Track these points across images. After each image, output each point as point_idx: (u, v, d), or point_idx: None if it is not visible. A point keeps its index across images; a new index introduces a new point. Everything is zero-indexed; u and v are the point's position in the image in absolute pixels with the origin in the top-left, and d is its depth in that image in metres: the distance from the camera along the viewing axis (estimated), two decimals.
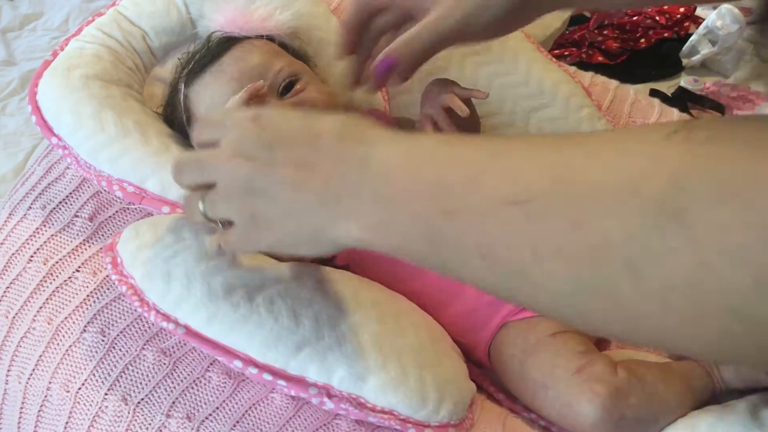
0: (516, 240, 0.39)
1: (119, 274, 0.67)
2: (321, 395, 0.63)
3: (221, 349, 0.64)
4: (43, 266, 0.75)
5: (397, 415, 0.64)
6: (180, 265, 0.66)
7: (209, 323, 0.64)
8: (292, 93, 0.80)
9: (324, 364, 0.63)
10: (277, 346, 0.63)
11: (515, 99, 0.91)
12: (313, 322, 0.65)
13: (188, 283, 0.65)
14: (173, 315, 0.65)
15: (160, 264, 0.67)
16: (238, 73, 0.79)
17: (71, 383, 0.69)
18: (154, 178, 0.76)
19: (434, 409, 0.65)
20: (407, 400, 0.64)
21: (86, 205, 0.79)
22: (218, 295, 0.65)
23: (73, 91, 0.78)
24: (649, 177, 0.34)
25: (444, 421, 0.65)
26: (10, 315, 0.73)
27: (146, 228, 0.70)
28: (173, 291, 0.65)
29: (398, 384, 0.64)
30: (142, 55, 0.86)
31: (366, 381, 0.63)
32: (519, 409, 0.74)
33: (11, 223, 0.79)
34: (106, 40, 0.83)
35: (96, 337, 0.70)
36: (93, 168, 0.76)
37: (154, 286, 0.66)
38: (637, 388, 0.68)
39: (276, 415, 0.65)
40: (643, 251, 0.34)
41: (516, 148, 0.43)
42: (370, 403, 0.63)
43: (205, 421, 0.65)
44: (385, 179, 0.47)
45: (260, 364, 0.64)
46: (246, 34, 0.82)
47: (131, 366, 0.68)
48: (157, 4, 0.87)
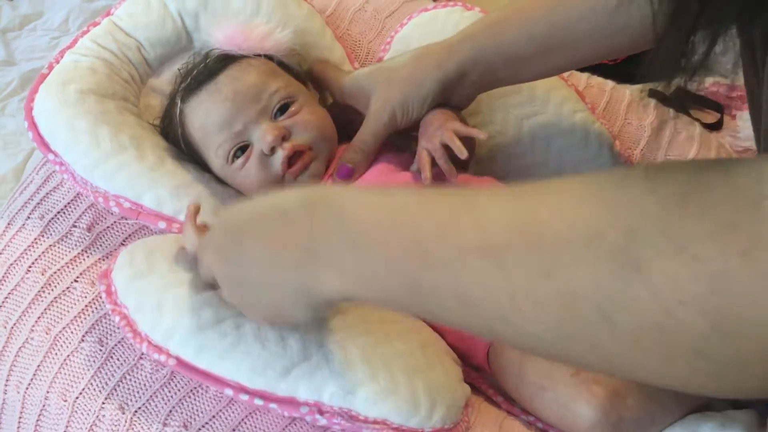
0: (492, 289, 0.41)
1: (113, 304, 0.69)
2: (312, 412, 0.64)
3: (212, 379, 0.65)
4: (42, 276, 0.75)
5: (389, 425, 0.64)
6: (172, 296, 0.67)
7: (199, 354, 0.65)
8: (286, 115, 0.80)
9: (313, 382, 0.64)
10: (266, 371, 0.64)
11: (506, 107, 0.91)
12: (300, 345, 0.66)
13: (179, 314, 0.66)
14: (164, 346, 0.66)
15: (152, 295, 0.68)
16: (232, 93, 0.79)
17: (69, 392, 0.69)
18: (149, 194, 0.77)
19: (427, 415, 0.65)
20: (398, 409, 0.64)
21: (84, 215, 0.79)
22: (207, 326, 0.66)
23: (69, 107, 0.78)
24: (609, 227, 0.36)
25: (438, 426, 0.66)
26: (9, 325, 0.74)
27: (141, 256, 0.71)
28: (164, 322, 0.66)
29: (388, 393, 0.64)
30: (138, 67, 0.86)
31: (356, 394, 0.64)
32: (517, 412, 0.74)
33: (9, 233, 0.79)
34: (101, 53, 0.83)
35: (94, 347, 0.71)
36: (89, 184, 0.77)
37: (145, 317, 0.67)
38: (635, 390, 0.68)
39: (271, 424, 0.66)
40: (612, 299, 0.36)
41: (483, 201, 0.44)
42: (362, 415, 0.64)
43: (201, 429, 0.66)
44: (361, 231, 0.48)
45: (250, 390, 0.65)
46: (244, 53, 0.82)
47: (129, 375, 0.69)
48: (152, 15, 0.87)
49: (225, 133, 0.79)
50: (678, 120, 1.00)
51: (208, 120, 0.80)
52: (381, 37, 0.99)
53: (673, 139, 0.96)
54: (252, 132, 0.79)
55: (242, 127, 0.79)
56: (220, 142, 0.79)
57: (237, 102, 0.79)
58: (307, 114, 0.81)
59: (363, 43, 0.99)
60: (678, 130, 0.97)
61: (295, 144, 0.79)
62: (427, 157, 0.76)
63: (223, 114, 0.79)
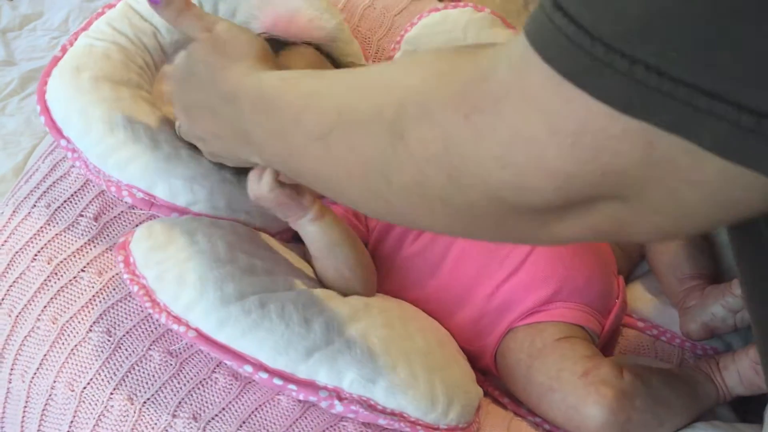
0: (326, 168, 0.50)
1: (131, 274, 0.68)
2: (331, 398, 0.64)
3: (231, 354, 0.65)
4: (47, 265, 0.74)
5: (407, 417, 0.64)
6: (194, 269, 0.67)
7: (220, 328, 0.65)
8: None
9: (334, 368, 0.64)
10: (288, 351, 0.64)
11: None
12: (323, 328, 0.66)
13: (201, 287, 0.66)
14: (184, 318, 0.66)
15: (173, 266, 0.67)
16: None
17: (76, 382, 0.68)
18: (163, 185, 0.76)
19: (443, 412, 0.65)
20: (417, 402, 0.64)
21: (91, 205, 0.78)
22: (230, 301, 0.65)
23: (83, 94, 0.77)
24: (386, 103, 0.44)
25: (452, 425, 0.66)
26: (14, 314, 0.73)
27: (160, 229, 0.71)
28: (186, 294, 0.66)
29: (408, 386, 0.64)
30: (153, 53, 0.84)
31: (376, 383, 0.64)
32: (524, 413, 0.75)
33: (15, 221, 0.78)
34: (116, 37, 0.82)
35: (102, 337, 0.70)
36: (102, 173, 0.76)
37: (166, 288, 0.67)
38: (643, 392, 0.69)
39: (282, 416, 0.65)
40: (388, 164, 0.44)
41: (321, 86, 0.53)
42: (381, 404, 0.64)
43: (211, 421, 0.65)
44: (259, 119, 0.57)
45: (270, 369, 0.64)
46: (292, 39, 0.81)
47: (137, 366, 0.68)
48: None
49: None
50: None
51: None
52: (390, 34, 0.99)
53: None
54: None
55: None
56: None
57: None
58: None
59: (372, 41, 0.99)
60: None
61: None
62: None
63: None
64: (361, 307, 0.70)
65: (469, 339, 0.77)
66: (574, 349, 0.72)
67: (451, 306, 0.77)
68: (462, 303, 0.77)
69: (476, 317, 0.77)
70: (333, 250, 0.72)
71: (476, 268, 0.77)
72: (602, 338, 0.78)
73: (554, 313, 0.76)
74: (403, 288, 0.78)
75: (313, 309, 0.67)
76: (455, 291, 0.77)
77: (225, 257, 0.68)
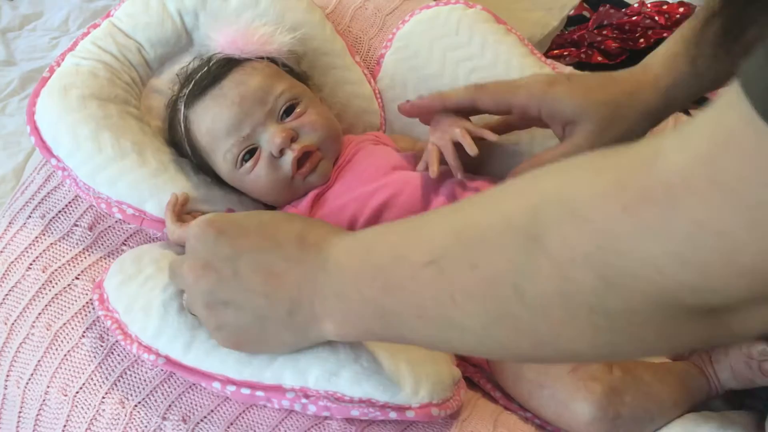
0: (438, 294, 0.45)
1: (105, 310, 0.70)
2: (299, 398, 0.65)
3: (199, 374, 0.67)
4: (42, 274, 0.76)
5: (375, 403, 0.64)
6: (158, 296, 0.69)
7: (186, 351, 0.67)
8: (292, 116, 0.80)
9: (297, 368, 0.64)
10: (251, 361, 0.65)
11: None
12: None
13: (165, 313, 0.68)
14: (154, 346, 0.68)
15: (140, 296, 0.70)
16: (238, 98, 0.79)
17: (69, 387, 0.70)
18: (152, 200, 0.78)
19: (412, 391, 0.65)
20: (382, 387, 0.64)
21: (86, 215, 0.80)
22: (194, 324, 0.67)
23: (71, 113, 0.78)
24: (517, 211, 0.40)
25: (425, 402, 0.65)
26: (9, 321, 0.74)
27: (130, 262, 0.73)
28: (152, 322, 0.68)
29: (371, 372, 0.64)
30: (138, 68, 0.86)
31: (339, 375, 0.64)
32: (514, 408, 0.75)
33: (11, 231, 0.80)
34: (101, 56, 0.84)
35: (95, 343, 0.71)
36: (92, 190, 0.78)
37: (134, 318, 0.69)
38: (633, 387, 0.69)
39: (268, 417, 0.67)
40: (522, 273, 0.39)
41: (427, 219, 0.50)
42: (347, 395, 0.64)
43: (199, 423, 0.67)
44: (339, 276, 0.53)
45: (237, 382, 0.66)
46: (246, 56, 0.82)
47: (129, 371, 0.70)
48: (151, 15, 0.87)
49: (233, 138, 0.79)
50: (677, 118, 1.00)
51: (215, 125, 0.80)
52: (382, 34, 0.99)
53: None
54: (260, 135, 0.79)
55: (250, 131, 0.79)
56: (228, 146, 0.79)
57: (244, 106, 0.79)
58: (313, 114, 0.81)
59: (364, 40, 0.99)
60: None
61: (304, 145, 0.79)
62: (436, 152, 0.77)
63: (230, 118, 0.79)
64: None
65: None
66: None
67: None
68: None
69: None
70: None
71: None
72: None
73: None
74: None
75: None
76: None
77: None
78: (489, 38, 0.93)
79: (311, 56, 0.91)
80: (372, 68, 0.97)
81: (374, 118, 0.94)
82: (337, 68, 0.93)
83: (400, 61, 0.95)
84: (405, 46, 0.95)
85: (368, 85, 0.95)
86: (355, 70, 0.94)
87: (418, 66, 0.94)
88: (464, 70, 0.92)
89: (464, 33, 0.93)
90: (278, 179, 0.80)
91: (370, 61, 0.98)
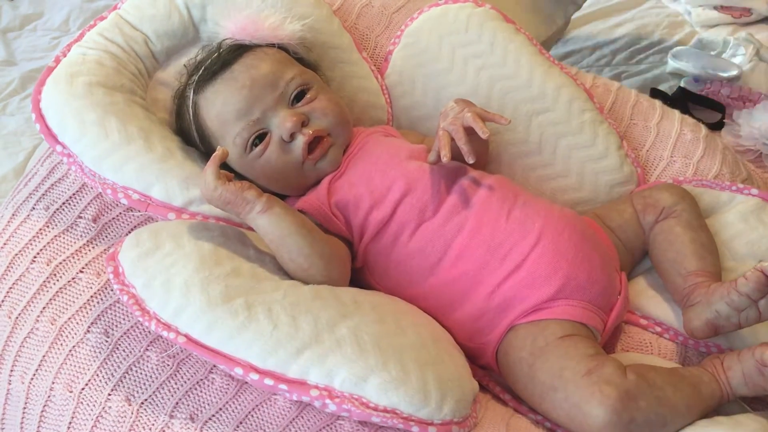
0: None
1: (120, 284, 0.69)
2: (323, 397, 0.64)
3: (222, 357, 0.65)
4: (47, 267, 0.75)
5: (399, 414, 0.64)
6: (179, 273, 0.68)
7: (209, 332, 0.65)
8: (303, 102, 0.80)
9: (324, 367, 0.64)
10: (277, 351, 0.64)
11: (516, 103, 0.90)
12: (312, 327, 0.66)
13: (187, 291, 0.67)
14: (173, 324, 0.66)
15: (160, 273, 0.68)
16: (249, 81, 0.79)
17: (74, 383, 0.69)
18: (158, 185, 0.77)
19: (437, 407, 0.65)
20: (409, 399, 0.64)
21: (89, 207, 0.79)
22: (217, 304, 0.66)
23: (77, 99, 0.78)
24: None
25: (447, 419, 0.65)
26: (13, 315, 0.74)
27: (147, 236, 0.72)
28: (173, 300, 0.67)
29: (400, 383, 0.64)
30: (145, 60, 0.86)
31: (367, 381, 0.64)
32: (524, 410, 0.74)
33: (14, 223, 0.79)
34: (108, 46, 0.83)
35: (100, 338, 0.70)
36: (97, 176, 0.77)
37: (154, 295, 0.67)
38: (647, 392, 0.68)
39: (279, 416, 0.66)
40: None
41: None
42: (373, 402, 0.64)
43: (208, 422, 0.66)
44: None
45: (261, 370, 0.65)
46: (257, 42, 0.82)
47: (135, 367, 0.69)
48: (158, 7, 0.87)
49: (243, 122, 0.79)
50: (684, 121, 1.00)
51: (225, 109, 0.79)
52: (389, 31, 0.99)
53: (679, 140, 0.96)
54: (270, 119, 0.79)
55: (260, 115, 0.79)
56: (238, 130, 0.79)
57: (254, 90, 0.79)
58: (324, 100, 0.81)
59: (371, 37, 0.99)
60: (683, 132, 0.98)
61: (315, 129, 0.79)
62: (447, 138, 0.76)
63: (240, 102, 0.78)
64: (351, 303, 0.70)
65: (468, 336, 0.77)
66: (576, 347, 0.72)
67: (450, 303, 0.77)
68: (461, 300, 0.77)
69: (476, 315, 0.76)
70: (285, 241, 0.73)
71: (476, 265, 0.77)
72: (604, 336, 0.78)
73: (557, 310, 0.75)
74: (399, 285, 0.78)
75: (301, 307, 0.67)
76: (455, 289, 0.77)
77: (211, 260, 0.69)
78: (498, 36, 0.93)
79: (319, 50, 0.90)
80: (379, 65, 0.97)
81: (381, 113, 0.94)
82: (344, 63, 0.92)
83: (408, 57, 0.95)
84: (414, 42, 0.95)
85: (375, 80, 0.95)
86: (362, 65, 0.94)
87: (426, 62, 0.94)
88: (473, 67, 0.92)
89: (474, 30, 0.93)
90: (288, 164, 0.79)
91: (377, 58, 0.98)
